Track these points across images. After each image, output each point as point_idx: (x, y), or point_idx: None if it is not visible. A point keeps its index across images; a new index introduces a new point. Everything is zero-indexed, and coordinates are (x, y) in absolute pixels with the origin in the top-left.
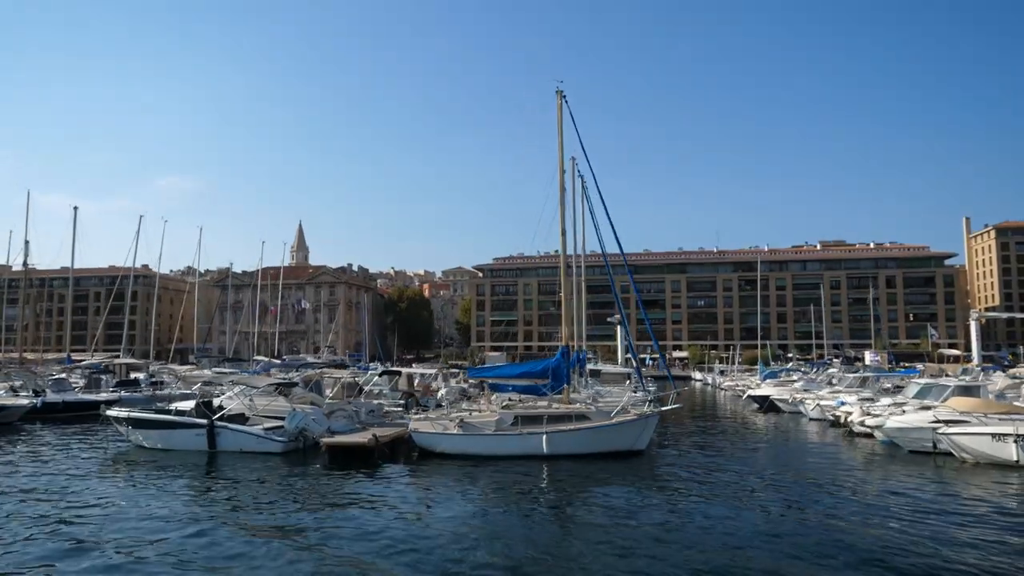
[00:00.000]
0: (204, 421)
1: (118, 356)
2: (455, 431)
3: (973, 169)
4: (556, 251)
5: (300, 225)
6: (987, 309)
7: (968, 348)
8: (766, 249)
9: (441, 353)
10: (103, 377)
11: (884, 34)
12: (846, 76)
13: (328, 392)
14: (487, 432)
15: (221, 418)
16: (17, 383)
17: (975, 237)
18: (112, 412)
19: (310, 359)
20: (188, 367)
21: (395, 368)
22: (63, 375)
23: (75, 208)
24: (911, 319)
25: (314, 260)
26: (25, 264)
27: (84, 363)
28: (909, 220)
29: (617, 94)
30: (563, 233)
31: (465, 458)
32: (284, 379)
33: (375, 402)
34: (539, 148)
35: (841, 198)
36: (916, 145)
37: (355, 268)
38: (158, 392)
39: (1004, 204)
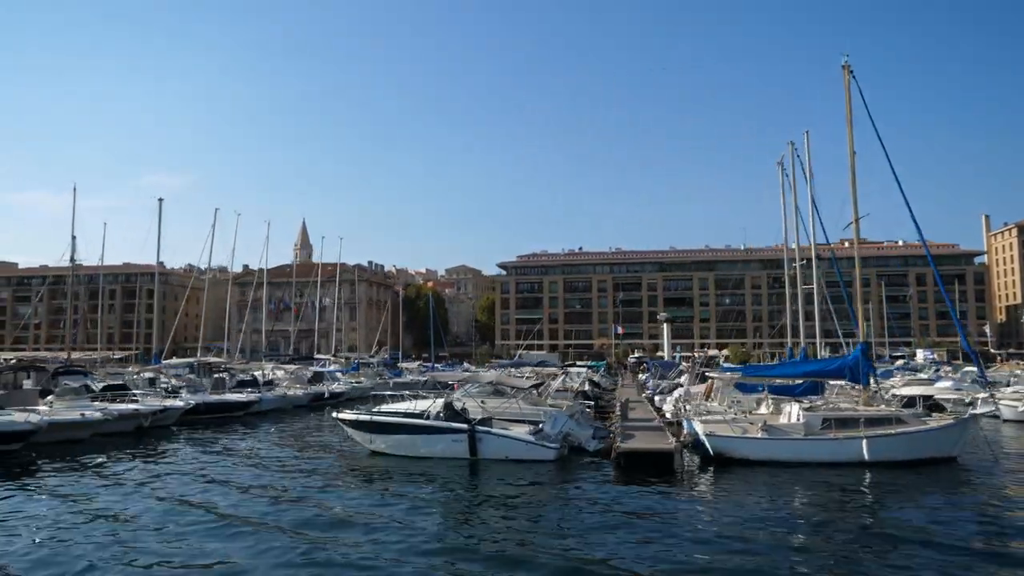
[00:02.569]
0: (464, 426)
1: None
2: (759, 435)
3: (981, 167)
4: (581, 248)
5: (304, 223)
6: (1009, 307)
7: (1001, 346)
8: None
9: (474, 352)
10: (226, 377)
11: (886, 31)
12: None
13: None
14: (795, 436)
15: (476, 422)
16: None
17: (995, 235)
18: (346, 415)
19: (367, 357)
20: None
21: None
22: (183, 376)
23: (160, 200)
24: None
25: (316, 259)
26: (72, 260)
27: (173, 362)
28: (920, 218)
29: (621, 92)
30: (856, 220)
31: (770, 464)
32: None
33: (580, 403)
34: (539, 148)
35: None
36: (924, 144)
37: (374, 266)
38: (289, 393)
39: (1013, 203)
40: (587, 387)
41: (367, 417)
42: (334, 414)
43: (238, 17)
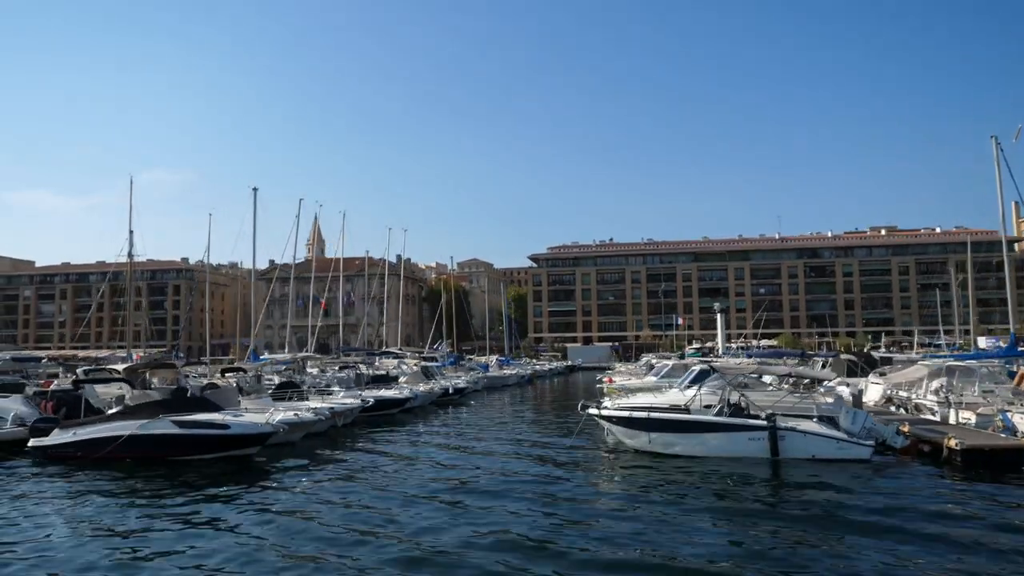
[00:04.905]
0: (763, 422)
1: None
2: None
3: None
4: (612, 239)
5: (316, 218)
6: None
7: None
8: (830, 235)
9: (521, 345)
10: (361, 374)
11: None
12: (876, 63)
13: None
14: None
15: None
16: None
17: None
18: (613, 412)
19: (432, 352)
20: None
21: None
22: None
23: (255, 189)
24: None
25: (330, 254)
26: (130, 256)
27: (275, 358)
28: (941, 204)
29: (645, 84)
30: None
31: None
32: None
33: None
34: (538, 144)
35: (856, 185)
36: (946, 128)
37: (400, 260)
38: (434, 389)
39: None
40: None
41: (643, 414)
42: (590, 410)
43: (237, 13)
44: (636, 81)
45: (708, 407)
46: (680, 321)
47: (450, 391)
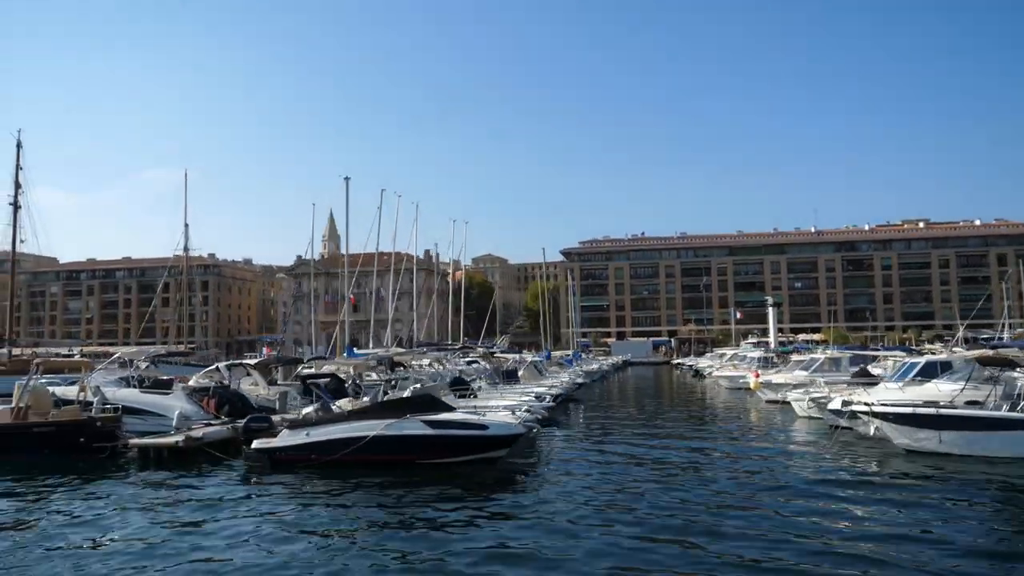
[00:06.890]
0: None
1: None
2: None
3: None
4: (643, 233)
5: (331, 214)
6: None
7: None
8: (867, 228)
9: (565, 339)
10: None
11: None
12: (902, 55)
13: None
14: None
15: None
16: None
17: None
18: (885, 408)
19: (494, 347)
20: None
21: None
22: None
23: (346, 179)
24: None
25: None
26: (186, 249)
27: (376, 353)
28: (975, 195)
29: (672, 78)
30: None
31: None
32: None
33: None
34: (539, 138)
35: (888, 177)
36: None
37: (429, 256)
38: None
39: None
40: None
41: (931, 410)
42: (853, 406)
43: (237, 15)
44: (662, 75)
45: (972, 403)
46: (739, 315)
47: None
